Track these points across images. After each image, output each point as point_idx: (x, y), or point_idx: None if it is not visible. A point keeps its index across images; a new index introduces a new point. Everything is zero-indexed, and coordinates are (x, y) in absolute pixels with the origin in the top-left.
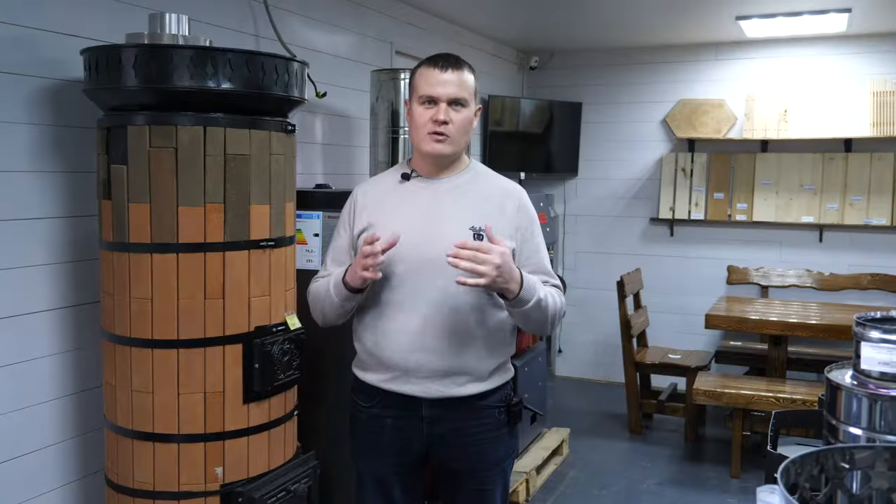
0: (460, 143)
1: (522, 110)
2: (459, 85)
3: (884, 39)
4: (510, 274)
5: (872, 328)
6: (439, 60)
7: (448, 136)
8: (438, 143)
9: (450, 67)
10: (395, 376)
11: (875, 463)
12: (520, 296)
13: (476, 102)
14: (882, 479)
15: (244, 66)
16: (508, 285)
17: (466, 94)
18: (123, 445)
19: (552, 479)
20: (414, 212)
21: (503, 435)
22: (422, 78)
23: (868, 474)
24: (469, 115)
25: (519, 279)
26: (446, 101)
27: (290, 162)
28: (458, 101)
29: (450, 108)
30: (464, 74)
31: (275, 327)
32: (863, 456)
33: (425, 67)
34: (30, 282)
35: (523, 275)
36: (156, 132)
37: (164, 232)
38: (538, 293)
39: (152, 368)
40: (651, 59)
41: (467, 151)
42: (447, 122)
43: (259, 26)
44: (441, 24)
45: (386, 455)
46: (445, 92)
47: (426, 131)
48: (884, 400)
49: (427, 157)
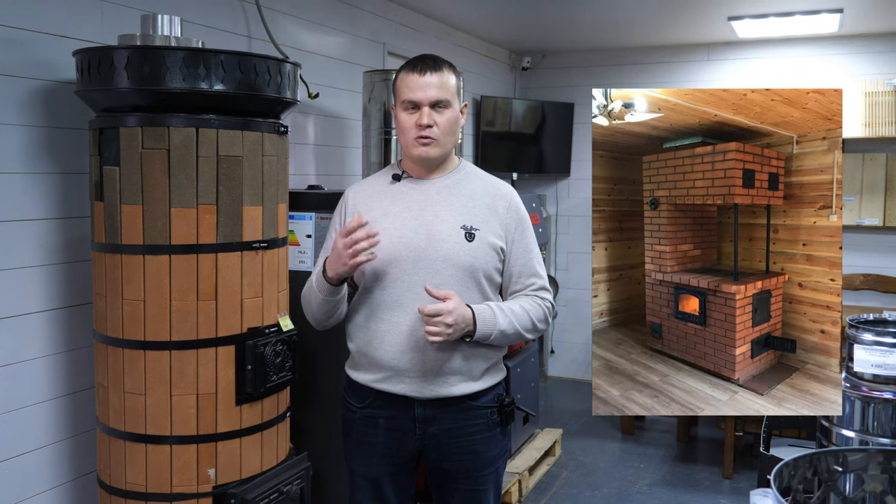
0: (448, 143)
1: (514, 111)
2: (440, 87)
3: (876, 40)
4: (464, 320)
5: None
6: (418, 64)
7: (434, 139)
8: (425, 147)
9: (428, 70)
10: (388, 376)
11: (868, 465)
12: (476, 336)
13: (461, 100)
14: (875, 481)
15: (237, 67)
16: (467, 330)
17: (448, 95)
18: (116, 447)
19: (545, 479)
20: (405, 212)
21: (496, 435)
22: (402, 83)
23: (861, 477)
24: (453, 116)
25: (472, 320)
26: (428, 105)
27: (283, 163)
28: (440, 102)
29: (433, 111)
30: (444, 75)
31: (267, 329)
32: (856, 458)
33: (405, 72)
34: (22, 283)
35: (475, 315)
36: (148, 133)
37: (156, 233)
38: (497, 326)
39: (145, 370)
40: (643, 60)
41: (459, 152)
42: (431, 125)
43: (251, 27)
44: (433, 25)
45: (378, 455)
46: (426, 96)
47: (412, 136)
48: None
49: (416, 160)
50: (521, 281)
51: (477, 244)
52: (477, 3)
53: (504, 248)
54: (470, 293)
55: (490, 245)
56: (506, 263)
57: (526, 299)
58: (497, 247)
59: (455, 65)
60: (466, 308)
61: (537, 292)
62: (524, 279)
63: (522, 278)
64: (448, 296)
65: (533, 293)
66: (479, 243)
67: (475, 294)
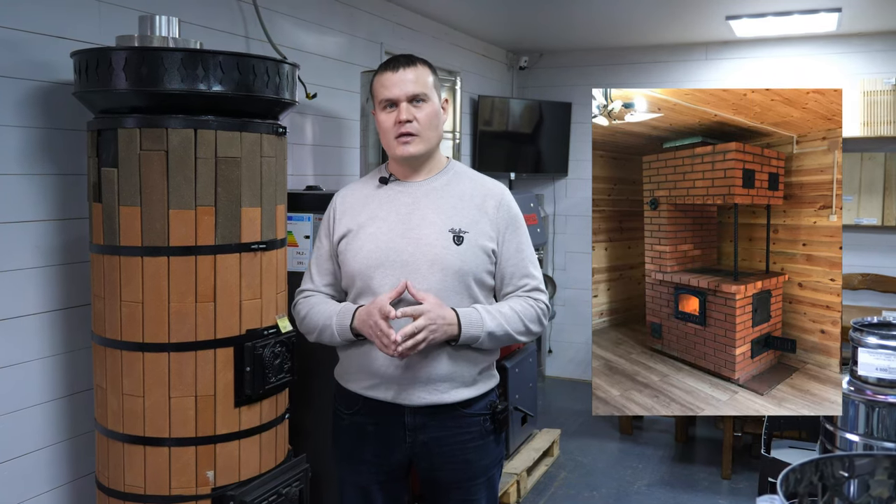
0: (430, 139)
1: (512, 110)
2: (415, 81)
3: (874, 39)
4: (445, 321)
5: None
6: (391, 63)
7: (416, 135)
8: (408, 145)
9: (401, 66)
10: (377, 384)
11: (875, 471)
12: (462, 339)
13: (440, 96)
14: (882, 487)
15: (235, 68)
16: (450, 333)
17: (425, 89)
18: (114, 449)
19: (543, 480)
20: (392, 216)
21: (489, 443)
22: (378, 84)
23: (867, 482)
24: (433, 109)
25: (455, 323)
26: (406, 100)
27: (281, 164)
28: (417, 96)
29: (411, 106)
30: (418, 70)
31: (266, 330)
32: (863, 463)
33: (379, 73)
34: (20, 285)
35: (460, 318)
36: (146, 135)
37: (154, 235)
38: (485, 328)
39: (143, 372)
40: (641, 59)
41: (457, 152)
42: (411, 120)
43: (249, 28)
44: (431, 25)
45: (368, 463)
46: (403, 91)
47: (393, 135)
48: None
49: (400, 161)
50: (514, 282)
51: (466, 248)
52: (474, 2)
53: (495, 249)
54: (460, 298)
55: (480, 248)
56: (497, 264)
57: (518, 300)
58: (488, 249)
59: (452, 64)
60: (448, 309)
61: (530, 293)
62: (516, 280)
63: (515, 279)
64: (425, 297)
65: (526, 294)
66: (468, 246)
67: (465, 299)
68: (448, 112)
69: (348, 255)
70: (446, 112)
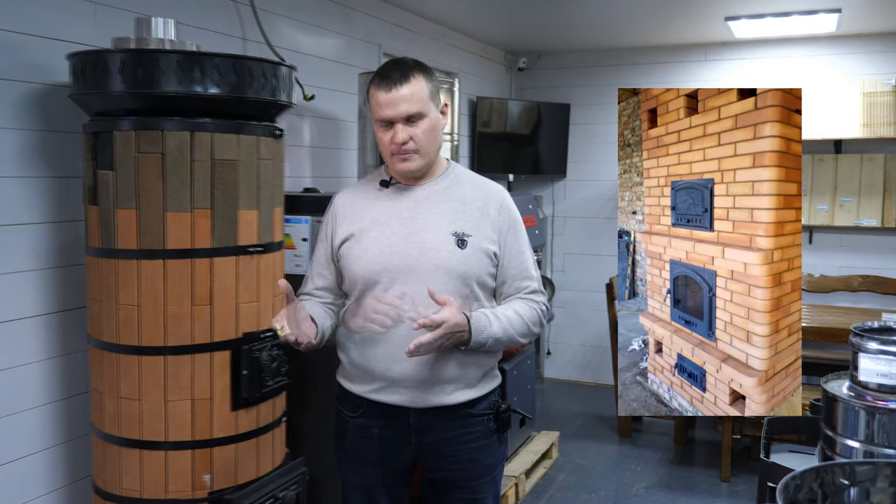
0: (430, 152)
1: (510, 112)
2: (410, 99)
3: (874, 40)
4: (459, 328)
5: (871, 339)
6: (383, 81)
7: (413, 152)
8: (406, 162)
9: (394, 85)
10: (382, 386)
11: (876, 478)
12: (472, 344)
13: (438, 104)
14: (882, 494)
15: (232, 70)
16: (462, 338)
17: (420, 106)
18: (111, 452)
19: (541, 482)
20: (395, 220)
21: (493, 442)
22: (373, 101)
23: (867, 490)
24: (430, 124)
25: (467, 328)
26: (401, 121)
27: (279, 166)
28: (412, 116)
29: (407, 126)
30: (412, 86)
31: (263, 333)
32: (864, 471)
33: (373, 88)
34: (16, 287)
35: (471, 323)
36: (143, 137)
37: (151, 238)
38: (492, 334)
39: (140, 375)
40: (640, 61)
41: (456, 153)
42: (407, 141)
43: (246, 29)
44: (428, 26)
45: (372, 465)
46: (397, 112)
47: (390, 153)
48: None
49: (399, 175)
50: (515, 284)
51: (469, 251)
52: (472, 3)
53: (497, 252)
54: (463, 300)
55: (483, 251)
56: (499, 267)
57: (520, 303)
58: (490, 252)
59: (451, 66)
60: (462, 316)
61: (531, 295)
62: (518, 282)
63: (516, 281)
64: (447, 300)
65: (527, 296)
66: (471, 250)
67: (468, 301)
68: (448, 116)
69: (351, 260)
70: (446, 117)
